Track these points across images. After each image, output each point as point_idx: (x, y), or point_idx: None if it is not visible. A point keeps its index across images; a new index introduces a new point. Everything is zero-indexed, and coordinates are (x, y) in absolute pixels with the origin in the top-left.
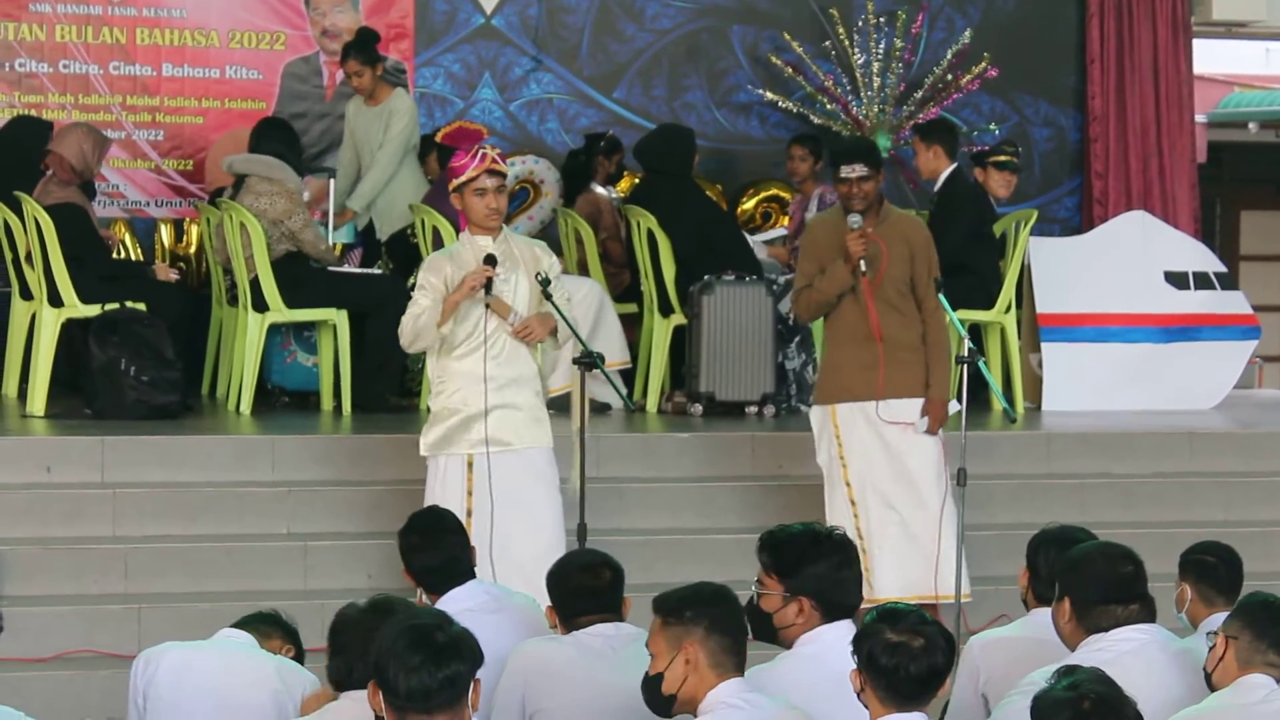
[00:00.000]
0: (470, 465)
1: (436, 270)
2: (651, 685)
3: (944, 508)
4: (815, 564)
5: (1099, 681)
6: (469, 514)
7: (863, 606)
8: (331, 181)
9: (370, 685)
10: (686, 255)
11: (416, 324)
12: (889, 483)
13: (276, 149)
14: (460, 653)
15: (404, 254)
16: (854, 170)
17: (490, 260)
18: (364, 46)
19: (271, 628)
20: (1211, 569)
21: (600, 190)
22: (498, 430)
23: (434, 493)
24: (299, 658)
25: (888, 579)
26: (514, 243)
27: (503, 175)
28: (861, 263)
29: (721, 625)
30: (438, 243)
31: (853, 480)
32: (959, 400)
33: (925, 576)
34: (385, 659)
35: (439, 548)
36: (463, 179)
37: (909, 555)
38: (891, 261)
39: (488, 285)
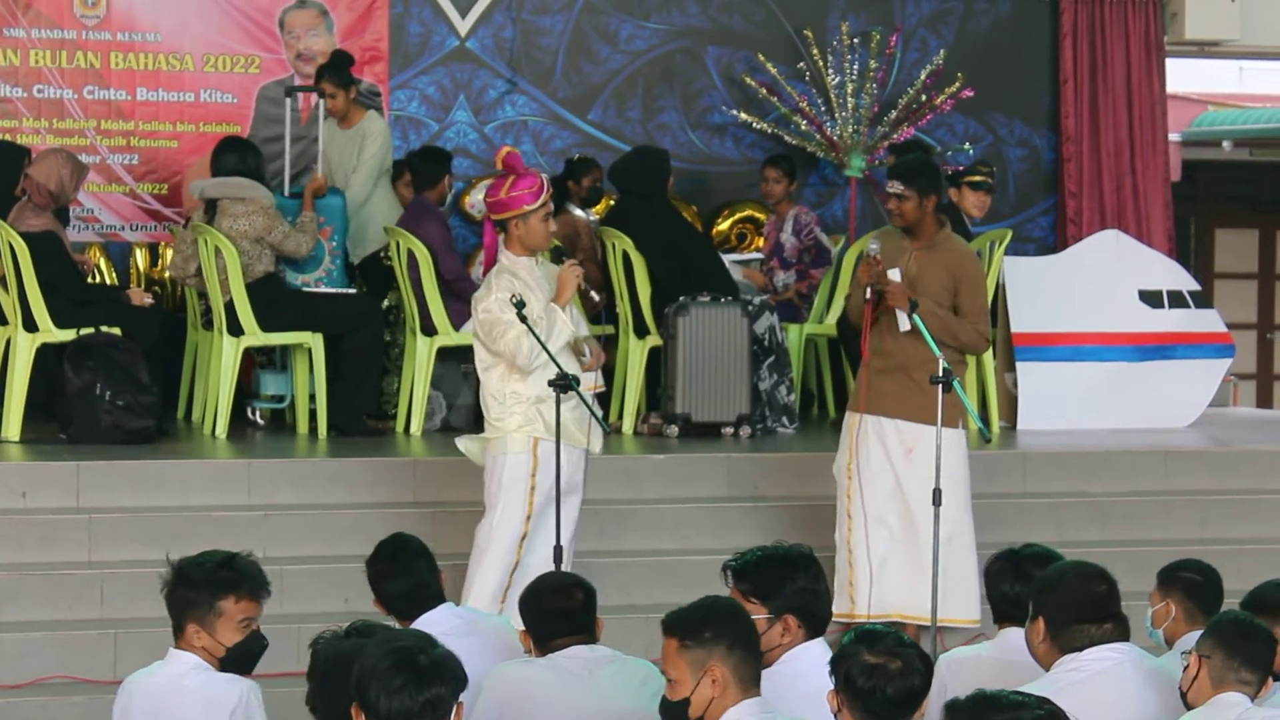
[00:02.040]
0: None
1: (507, 289)
2: (677, 711)
3: (953, 530)
4: (794, 581)
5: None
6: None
7: (846, 623)
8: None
9: (353, 707)
10: (662, 276)
11: (525, 340)
12: (885, 501)
13: (240, 168)
14: (443, 675)
15: (377, 277)
16: (891, 187)
17: (521, 304)
18: (338, 69)
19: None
20: (1200, 588)
21: (578, 212)
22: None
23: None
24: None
25: (869, 597)
26: (547, 265)
27: None
28: (901, 319)
29: (742, 641)
30: (412, 265)
31: (854, 494)
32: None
33: (910, 598)
34: (367, 680)
35: (408, 573)
36: (535, 205)
37: (895, 575)
38: (926, 288)
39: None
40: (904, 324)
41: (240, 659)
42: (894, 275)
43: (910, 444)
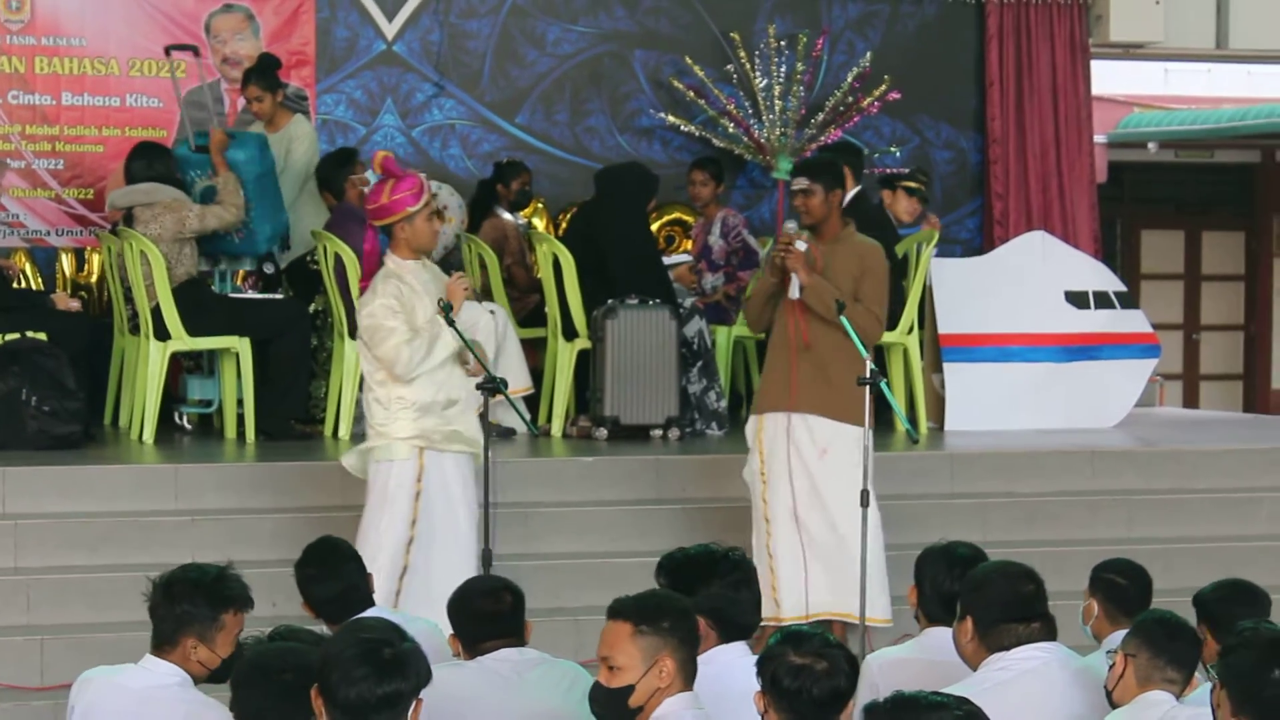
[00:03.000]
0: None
1: (394, 295)
2: (615, 698)
3: (864, 530)
4: (709, 585)
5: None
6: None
7: (770, 626)
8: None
9: (313, 689)
10: (622, 284)
11: (415, 346)
12: (803, 503)
13: (148, 174)
14: (405, 671)
15: (304, 280)
16: (797, 183)
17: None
18: (264, 72)
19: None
20: (1121, 590)
21: (506, 216)
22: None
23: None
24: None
25: (793, 599)
26: (433, 267)
27: None
28: (795, 285)
29: (691, 638)
30: (339, 270)
31: (769, 498)
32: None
33: (835, 597)
34: (330, 666)
35: (337, 577)
36: (417, 206)
37: (818, 576)
38: (834, 279)
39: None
40: (794, 291)
41: (227, 670)
42: (800, 245)
43: (824, 444)
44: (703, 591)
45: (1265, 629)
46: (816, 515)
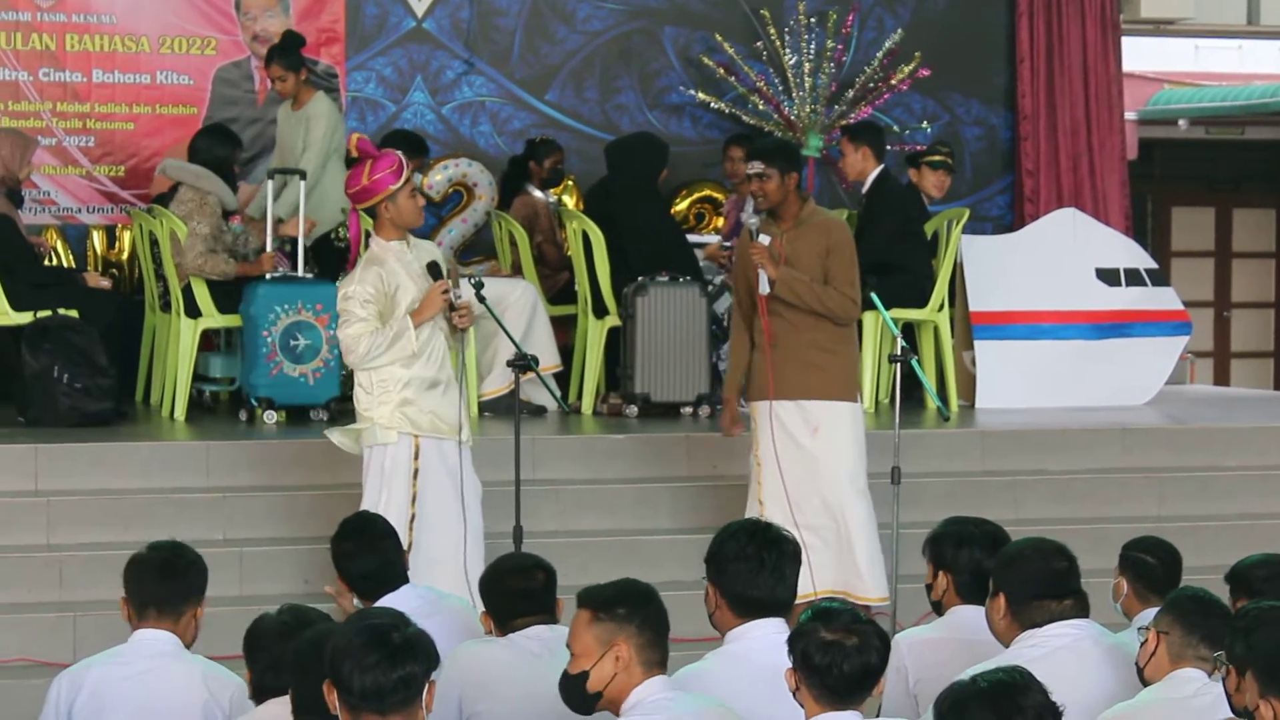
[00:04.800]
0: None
1: (373, 285)
2: (574, 683)
3: (860, 511)
4: (728, 558)
5: (1004, 672)
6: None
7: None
8: (269, 183)
9: (326, 683)
10: (636, 259)
11: (377, 339)
12: (795, 484)
13: (205, 156)
14: (416, 653)
15: (327, 258)
16: (751, 167)
17: (436, 270)
18: (287, 51)
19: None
20: (1150, 569)
21: (537, 193)
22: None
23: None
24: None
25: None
26: (419, 245)
27: None
28: (764, 280)
29: (652, 622)
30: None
31: (764, 480)
32: (892, 400)
33: (835, 577)
34: (340, 657)
35: (374, 552)
36: (399, 184)
37: (819, 554)
38: (801, 265)
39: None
40: (764, 287)
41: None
42: (763, 239)
43: (815, 423)
44: (722, 563)
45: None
46: (811, 495)
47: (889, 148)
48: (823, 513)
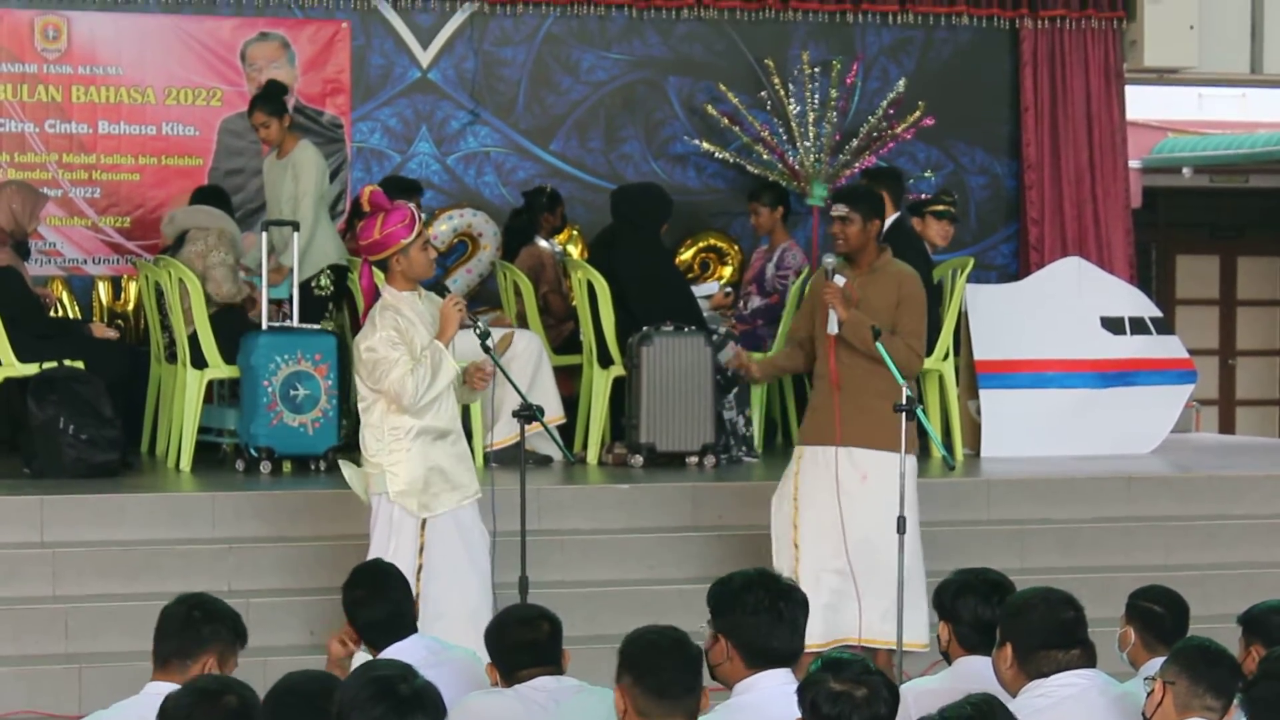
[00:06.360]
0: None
1: (393, 326)
2: None
3: (900, 557)
4: (738, 609)
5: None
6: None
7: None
8: (264, 235)
9: None
10: (639, 309)
11: (419, 375)
12: (837, 531)
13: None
14: (423, 706)
15: (308, 305)
16: (836, 210)
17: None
18: (270, 97)
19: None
20: (1158, 619)
21: (543, 244)
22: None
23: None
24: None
25: (816, 627)
26: (430, 297)
27: None
28: (833, 320)
29: (650, 675)
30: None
31: (799, 522)
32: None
33: (870, 624)
34: (348, 709)
35: (386, 600)
36: (411, 237)
37: (844, 601)
38: (871, 309)
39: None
40: (832, 326)
41: None
42: (839, 280)
43: (864, 471)
44: (730, 614)
45: None
46: (853, 543)
47: None
48: (869, 558)
